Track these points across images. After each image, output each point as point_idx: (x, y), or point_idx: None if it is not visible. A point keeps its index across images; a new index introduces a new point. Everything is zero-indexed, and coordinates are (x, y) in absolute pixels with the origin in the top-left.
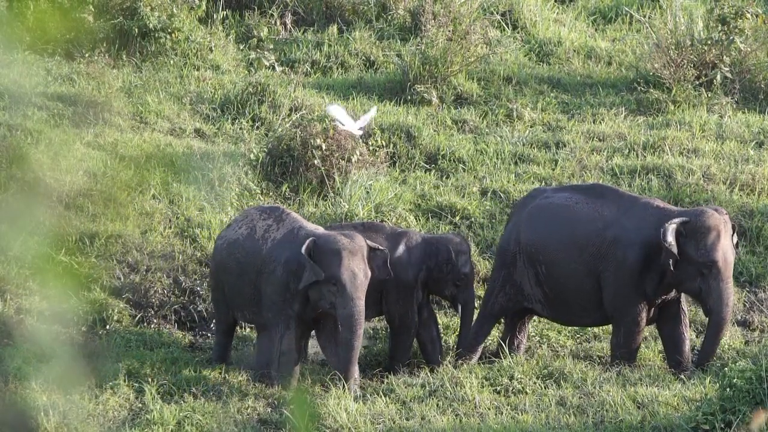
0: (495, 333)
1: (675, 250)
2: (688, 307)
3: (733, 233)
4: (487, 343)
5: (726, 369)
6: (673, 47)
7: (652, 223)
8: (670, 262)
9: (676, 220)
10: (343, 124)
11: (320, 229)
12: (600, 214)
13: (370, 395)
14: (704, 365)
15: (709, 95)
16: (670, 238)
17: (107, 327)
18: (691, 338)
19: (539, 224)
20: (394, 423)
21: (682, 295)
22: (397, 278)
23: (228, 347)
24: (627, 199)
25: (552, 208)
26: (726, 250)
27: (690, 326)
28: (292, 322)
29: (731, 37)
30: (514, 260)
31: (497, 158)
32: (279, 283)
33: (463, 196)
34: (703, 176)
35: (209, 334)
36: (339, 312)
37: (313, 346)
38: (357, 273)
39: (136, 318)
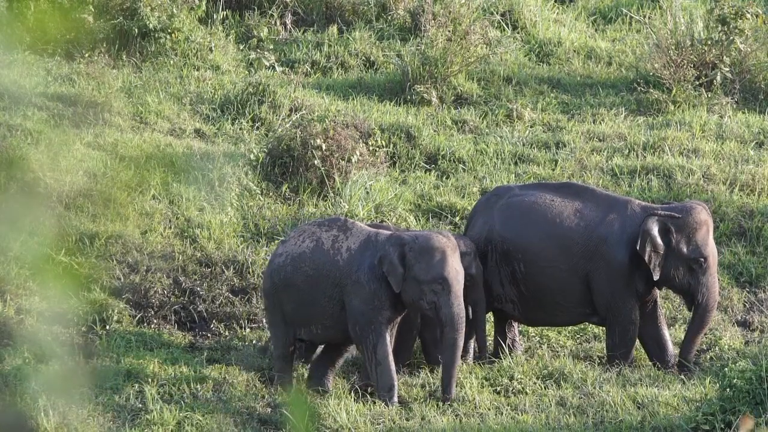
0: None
1: (659, 241)
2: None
3: None
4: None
5: (726, 369)
6: (673, 47)
7: (638, 222)
8: (648, 253)
9: (662, 213)
10: None
11: (396, 232)
12: (581, 213)
13: (370, 395)
14: (688, 358)
15: (709, 95)
16: (654, 230)
17: (107, 327)
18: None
19: (515, 222)
20: (394, 423)
21: (658, 293)
22: None
23: (290, 369)
24: (605, 198)
25: (528, 205)
26: (713, 244)
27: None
28: (383, 329)
29: (731, 38)
30: (483, 260)
31: (497, 158)
32: (366, 293)
33: (464, 197)
34: (703, 176)
35: (209, 335)
36: (444, 311)
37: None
38: (459, 271)
39: (136, 318)
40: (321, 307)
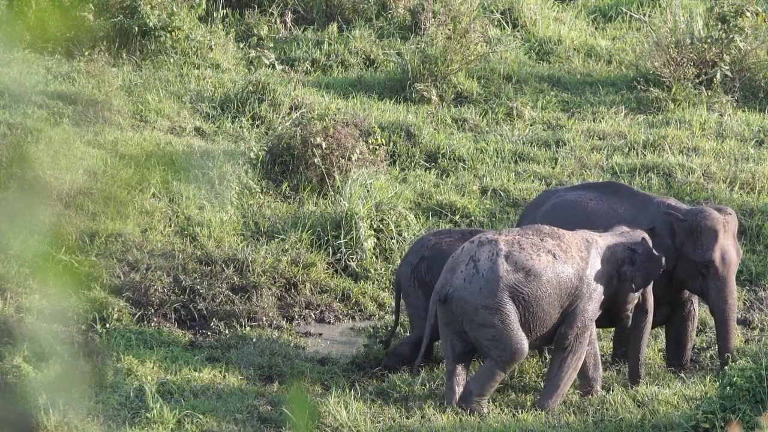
0: None
1: (667, 241)
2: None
3: None
4: None
5: (726, 368)
6: (673, 46)
7: (665, 223)
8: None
9: (673, 214)
10: None
11: (616, 238)
12: (614, 212)
13: (370, 394)
14: (726, 362)
15: (709, 94)
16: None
17: (107, 325)
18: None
19: (555, 223)
20: (394, 422)
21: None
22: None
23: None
24: (641, 197)
25: (567, 205)
26: (725, 249)
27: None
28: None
29: (731, 36)
30: None
31: (497, 157)
32: (599, 299)
33: (463, 195)
34: (703, 175)
35: (209, 333)
36: (640, 320)
37: (314, 345)
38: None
39: (136, 316)
40: (551, 316)
